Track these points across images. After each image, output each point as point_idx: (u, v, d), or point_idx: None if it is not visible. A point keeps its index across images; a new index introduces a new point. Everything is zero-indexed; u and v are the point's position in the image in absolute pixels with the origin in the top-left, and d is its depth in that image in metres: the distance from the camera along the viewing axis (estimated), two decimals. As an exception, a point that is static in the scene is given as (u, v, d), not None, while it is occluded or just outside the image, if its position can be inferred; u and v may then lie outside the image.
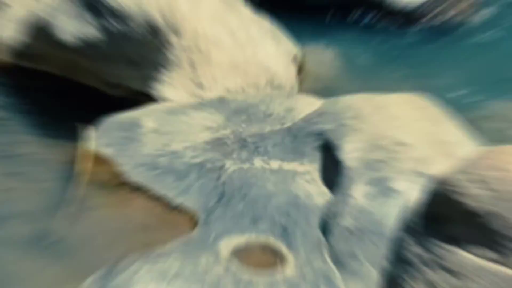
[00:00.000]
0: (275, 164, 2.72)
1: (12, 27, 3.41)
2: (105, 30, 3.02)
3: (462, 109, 3.03)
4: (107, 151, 2.76)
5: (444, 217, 2.05)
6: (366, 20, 3.94)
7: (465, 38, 4.00)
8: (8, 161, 3.07)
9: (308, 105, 2.91)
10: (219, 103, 3.03)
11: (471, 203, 1.92)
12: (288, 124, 2.84)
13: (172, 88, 3.09)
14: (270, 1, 3.73)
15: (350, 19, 4.02)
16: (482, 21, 4.17)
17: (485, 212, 1.91)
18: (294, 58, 3.43)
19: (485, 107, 3.37)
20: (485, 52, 3.79)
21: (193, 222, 2.56)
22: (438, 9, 3.95)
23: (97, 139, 2.89)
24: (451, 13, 3.97)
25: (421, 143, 2.58)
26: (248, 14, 3.40)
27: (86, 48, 3.07)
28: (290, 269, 2.31)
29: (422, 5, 3.89)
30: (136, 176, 2.69)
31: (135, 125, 2.88)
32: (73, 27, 3.08)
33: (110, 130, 2.90)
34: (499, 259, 1.88)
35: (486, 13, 4.17)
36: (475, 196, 1.92)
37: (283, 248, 2.40)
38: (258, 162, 2.71)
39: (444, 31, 3.96)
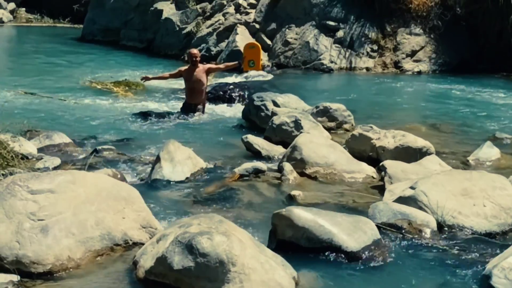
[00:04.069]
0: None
1: (150, 259, 4.36)
2: (196, 262, 4.16)
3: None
4: None
5: None
6: (332, 259, 4.79)
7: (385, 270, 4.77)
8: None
9: (302, 301, 3.93)
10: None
11: None
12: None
13: (230, 291, 4.10)
14: (280, 245, 4.93)
15: (321, 256, 4.84)
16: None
17: None
18: (294, 278, 4.47)
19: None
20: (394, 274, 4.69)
21: None
22: (371, 253, 4.80)
23: None
24: (377, 255, 4.83)
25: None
26: (270, 252, 4.58)
27: (186, 271, 4.20)
28: None
29: (362, 248, 4.79)
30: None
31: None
32: (180, 257, 4.21)
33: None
34: None
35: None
36: None
37: None
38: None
39: (372, 268, 4.82)
